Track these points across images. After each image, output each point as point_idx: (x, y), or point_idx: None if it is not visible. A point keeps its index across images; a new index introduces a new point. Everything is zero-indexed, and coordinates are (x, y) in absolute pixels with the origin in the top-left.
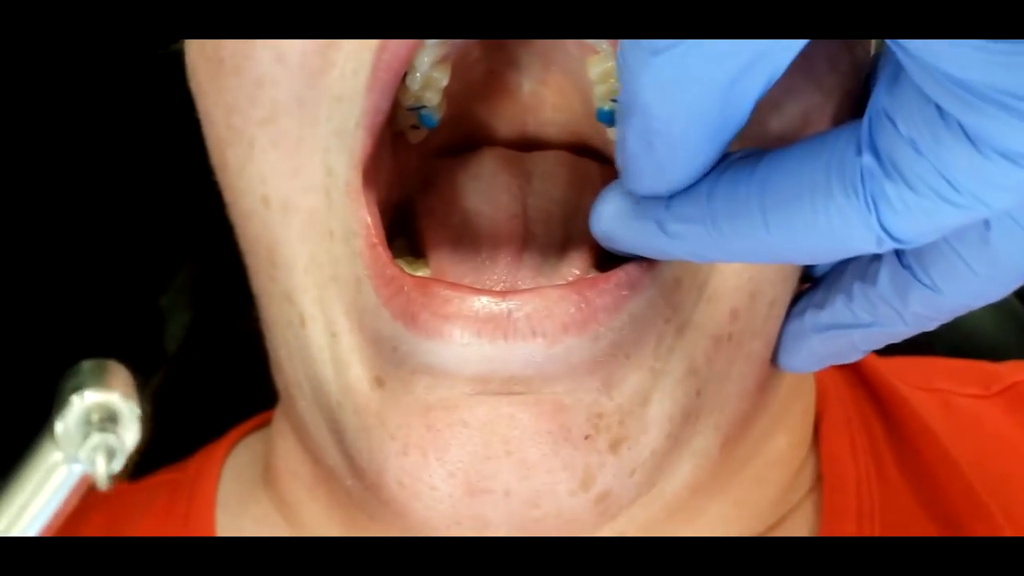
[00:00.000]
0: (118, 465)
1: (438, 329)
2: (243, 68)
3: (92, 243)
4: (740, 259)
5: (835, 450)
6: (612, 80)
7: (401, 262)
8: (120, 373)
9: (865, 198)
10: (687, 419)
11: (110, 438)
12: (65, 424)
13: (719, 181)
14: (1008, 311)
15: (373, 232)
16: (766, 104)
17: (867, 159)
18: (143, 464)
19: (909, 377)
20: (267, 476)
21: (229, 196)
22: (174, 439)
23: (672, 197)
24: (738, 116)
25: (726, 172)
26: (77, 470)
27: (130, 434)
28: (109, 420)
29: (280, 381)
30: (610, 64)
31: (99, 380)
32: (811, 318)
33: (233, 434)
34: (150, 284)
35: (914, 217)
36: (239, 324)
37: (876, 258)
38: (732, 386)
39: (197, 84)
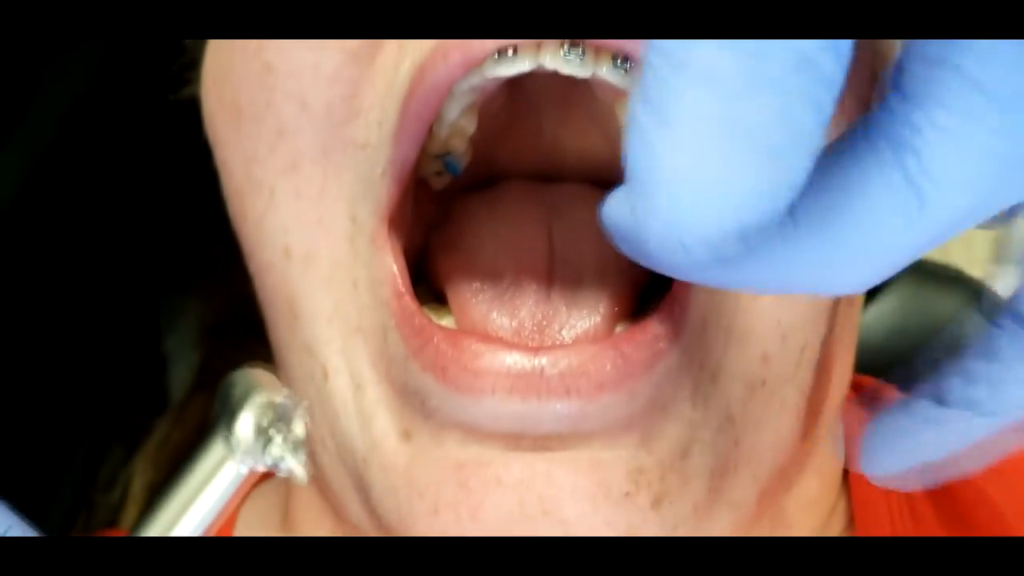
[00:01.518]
0: (303, 457)
1: (468, 384)
2: (263, 116)
3: (89, 277)
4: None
5: (867, 492)
6: None
7: (426, 310)
8: (267, 375)
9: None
10: (726, 471)
11: (290, 436)
12: (240, 431)
13: None
14: None
15: (400, 281)
16: None
17: (891, 97)
18: None
19: None
20: (286, 527)
21: (248, 248)
22: None
23: None
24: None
25: None
26: (243, 470)
27: (300, 427)
28: (279, 420)
29: None
30: None
31: (260, 386)
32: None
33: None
34: (151, 325)
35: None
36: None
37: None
38: (769, 435)
39: (215, 133)
